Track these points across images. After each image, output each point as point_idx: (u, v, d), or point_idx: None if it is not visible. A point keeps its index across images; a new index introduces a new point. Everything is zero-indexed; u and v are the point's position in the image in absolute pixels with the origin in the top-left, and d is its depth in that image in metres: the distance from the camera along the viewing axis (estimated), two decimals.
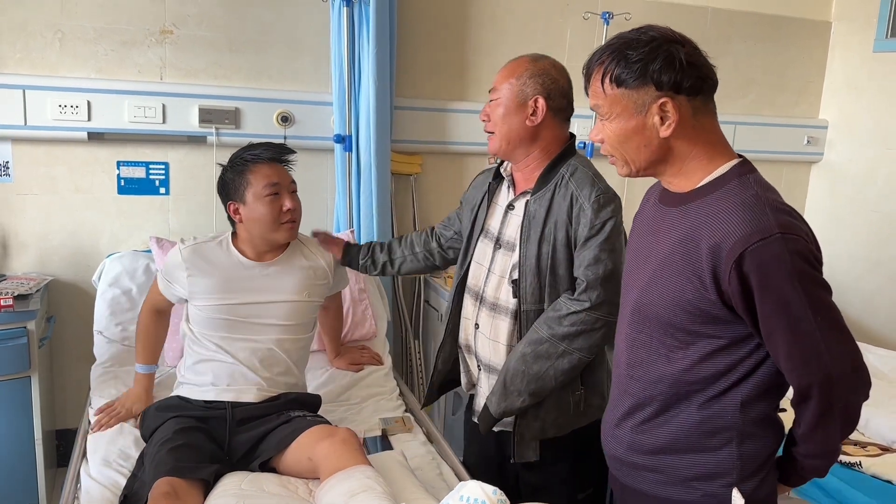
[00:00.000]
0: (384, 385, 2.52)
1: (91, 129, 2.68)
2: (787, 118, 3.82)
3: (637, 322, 1.40)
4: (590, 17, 3.27)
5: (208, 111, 2.79)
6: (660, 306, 1.33)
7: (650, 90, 1.25)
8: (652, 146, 1.30)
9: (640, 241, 1.43)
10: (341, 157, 2.94)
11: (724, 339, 1.29)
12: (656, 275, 1.33)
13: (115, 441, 2.03)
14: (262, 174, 2.06)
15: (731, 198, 1.25)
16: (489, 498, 1.26)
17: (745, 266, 1.19)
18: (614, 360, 1.51)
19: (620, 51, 1.27)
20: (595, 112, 1.34)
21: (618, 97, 1.28)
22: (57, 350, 2.79)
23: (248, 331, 2.06)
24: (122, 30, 2.69)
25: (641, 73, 1.25)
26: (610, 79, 1.28)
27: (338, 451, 1.77)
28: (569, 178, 1.80)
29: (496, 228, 1.91)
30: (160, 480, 1.67)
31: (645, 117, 1.27)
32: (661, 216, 1.37)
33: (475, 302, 1.94)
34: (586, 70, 1.34)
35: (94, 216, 2.78)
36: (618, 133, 1.30)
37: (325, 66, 2.92)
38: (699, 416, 1.34)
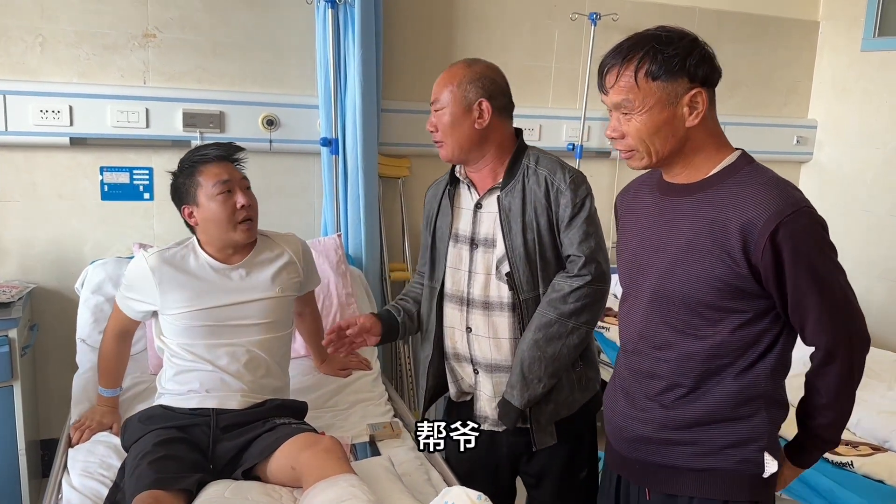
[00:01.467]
0: (372, 390, 2.49)
1: (73, 135, 2.65)
2: (776, 118, 3.82)
3: (659, 306, 1.45)
4: (577, 18, 3.26)
5: (192, 115, 2.76)
6: (687, 288, 1.39)
7: (683, 82, 1.35)
8: (677, 136, 1.38)
9: (648, 231, 1.49)
10: (328, 160, 2.92)
11: (750, 313, 1.37)
12: (679, 259, 1.40)
13: (96, 451, 1.99)
14: (212, 173, 2.02)
15: (753, 180, 1.35)
16: (474, 503, 1.24)
17: (779, 237, 1.28)
18: (628, 347, 1.56)
19: (653, 47, 1.35)
20: (618, 108, 1.39)
21: (653, 90, 1.35)
22: (40, 358, 2.75)
23: (228, 334, 2.03)
24: (103, 34, 2.67)
25: (680, 66, 1.34)
26: (645, 73, 1.35)
27: (321, 459, 1.74)
28: (535, 166, 1.85)
29: (467, 230, 1.91)
30: (142, 494, 1.64)
31: (675, 108, 1.36)
32: (672, 207, 1.44)
33: (461, 307, 1.93)
34: (606, 68, 1.40)
35: (77, 223, 2.75)
36: (649, 125, 1.37)
37: (310, 68, 2.90)
38: (734, 387, 1.41)
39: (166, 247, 2.09)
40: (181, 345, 2.02)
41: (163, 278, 2.01)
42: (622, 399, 1.57)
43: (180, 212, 2.09)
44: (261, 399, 2.03)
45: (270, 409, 2.01)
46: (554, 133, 3.36)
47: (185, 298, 2.00)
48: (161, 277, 2.01)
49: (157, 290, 2.00)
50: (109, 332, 2.14)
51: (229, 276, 2.06)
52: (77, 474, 1.89)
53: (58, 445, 2.17)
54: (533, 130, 3.31)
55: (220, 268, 2.06)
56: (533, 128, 3.30)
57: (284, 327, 2.15)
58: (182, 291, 2.01)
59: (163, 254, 2.05)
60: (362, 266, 2.96)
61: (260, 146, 2.84)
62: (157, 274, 2.01)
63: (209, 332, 2.01)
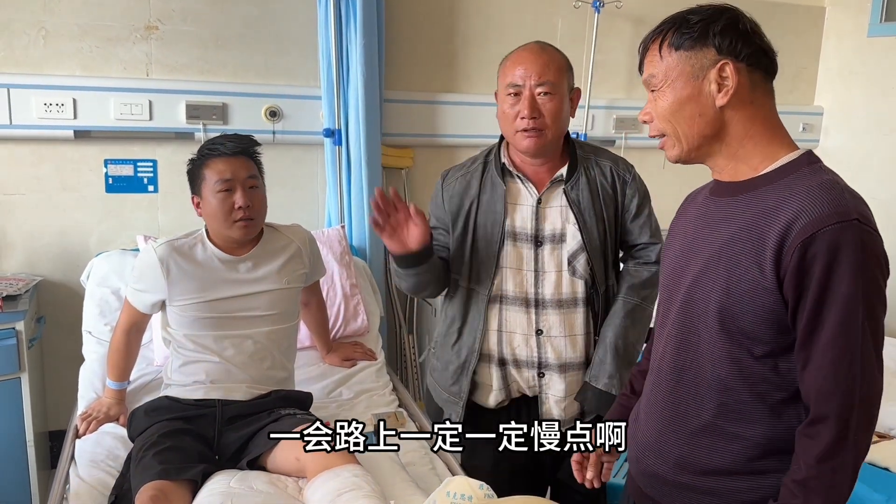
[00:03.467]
0: (377, 380, 2.50)
1: (77, 128, 2.66)
2: (782, 105, 3.67)
3: (685, 321, 1.28)
4: (581, 6, 3.24)
5: (195, 107, 2.76)
6: (711, 301, 1.21)
7: (709, 52, 1.19)
8: (707, 116, 1.21)
9: (689, 235, 1.31)
10: (331, 151, 2.92)
11: (775, 345, 1.17)
12: (708, 266, 1.22)
13: (103, 442, 2.01)
14: (216, 170, 2.00)
15: (806, 180, 1.15)
16: (475, 492, 1.25)
17: (814, 247, 1.08)
18: (654, 366, 1.39)
19: (681, 16, 1.23)
20: (648, 86, 1.26)
21: (675, 62, 1.21)
22: (47, 351, 2.77)
23: (235, 326, 2.03)
24: (106, 26, 2.66)
25: (702, 34, 1.19)
26: (668, 44, 1.22)
27: None
28: (595, 158, 1.86)
29: (527, 227, 1.82)
30: (147, 485, 1.65)
31: (701, 83, 1.20)
32: (716, 208, 1.26)
33: (527, 309, 1.83)
34: (643, 45, 1.28)
35: (82, 215, 2.76)
36: (671, 102, 1.22)
37: (312, 59, 2.90)
38: (763, 431, 1.21)
39: (175, 237, 2.09)
40: (187, 336, 2.02)
41: (171, 269, 2.01)
42: (642, 424, 1.40)
43: (192, 199, 2.10)
44: (266, 390, 2.04)
45: (275, 400, 2.02)
46: None
47: (193, 289, 2.01)
48: (169, 268, 2.01)
49: (164, 281, 2.00)
50: (120, 327, 2.15)
51: (236, 268, 2.06)
52: (84, 465, 1.91)
53: (65, 437, 2.18)
54: None
55: (227, 259, 2.06)
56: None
57: (290, 319, 2.16)
58: (189, 282, 2.01)
59: (171, 244, 2.05)
60: (366, 257, 2.97)
61: (263, 137, 2.82)
62: (164, 264, 2.01)
63: (216, 324, 2.02)
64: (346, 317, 2.65)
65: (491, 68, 3.21)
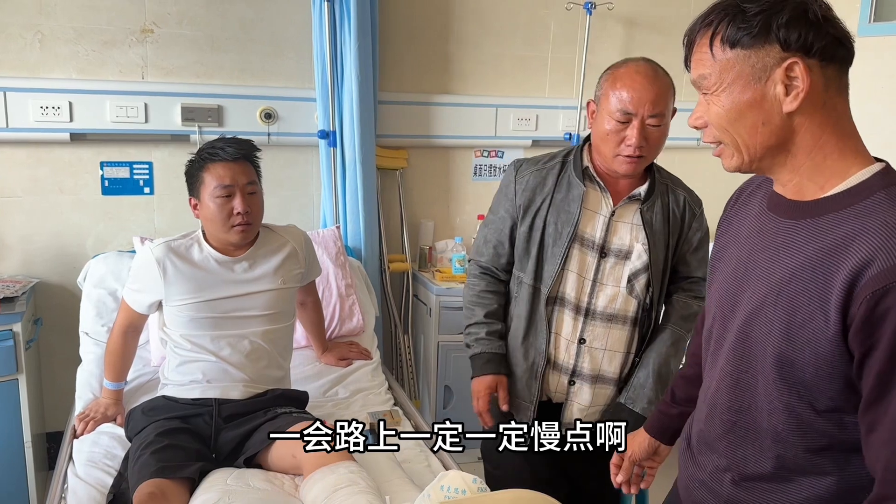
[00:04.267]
0: (373, 380, 2.52)
1: (73, 130, 2.67)
2: None
3: (741, 358, 1.13)
4: (573, 8, 3.26)
5: (191, 110, 2.78)
6: (768, 344, 1.06)
7: (773, 50, 1.00)
8: (772, 125, 1.03)
9: (744, 254, 1.15)
10: (326, 152, 2.94)
11: (841, 400, 1.02)
12: (765, 302, 1.07)
13: (101, 442, 2.03)
14: (216, 175, 2.00)
15: (882, 212, 0.97)
16: (469, 486, 1.27)
17: (888, 300, 0.92)
18: (707, 396, 1.24)
19: (735, 5, 1.03)
20: (699, 87, 1.10)
21: (731, 61, 1.03)
22: (45, 352, 2.78)
23: (231, 326, 2.05)
24: (102, 29, 2.68)
25: (763, 28, 1.00)
26: (721, 39, 1.04)
27: None
28: (671, 184, 1.88)
29: (597, 236, 1.82)
30: (145, 483, 1.67)
31: (765, 86, 1.02)
32: (775, 229, 1.10)
33: (576, 316, 1.84)
34: (688, 37, 1.10)
35: (78, 217, 2.78)
36: (729, 109, 1.05)
37: (307, 61, 2.91)
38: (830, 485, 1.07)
39: (172, 238, 2.10)
40: (184, 335, 2.04)
41: (167, 269, 2.03)
42: (694, 453, 1.28)
43: (189, 199, 2.11)
44: (262, 389, 2.05)
45: (272, 399, 2.04)
46: (551, 123, 3.37)
47: (189, 290, 2.02)
48: (165, 268, 2.02)
49: (161, 281, 2.02)
50: (117, 328, 2.16)
51: (232, 269, 2.08)
52: (82, 464, 1.93)
53: (63, 437, 2.20)
54: (530, 120, 3.32)
55: (223, 260, 2.08)
56: (530, 118, 3.32)
57: (287, 318, 2.18)
58: (186, 283, 2.03)
59: (168, 245, 2.07)
60: (361, 257, 2.99)
61: (258, 139, 2.83)
62: (161, 265, 2.03)
63: (212, 324, 2.04)
64: (341, 317, 2.67)
65: (484, 70, 3.26)
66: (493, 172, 3.37)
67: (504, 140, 3.33)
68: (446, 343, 2.98)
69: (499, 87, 3.30)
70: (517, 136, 3.33)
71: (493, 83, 3.29)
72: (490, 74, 3.28)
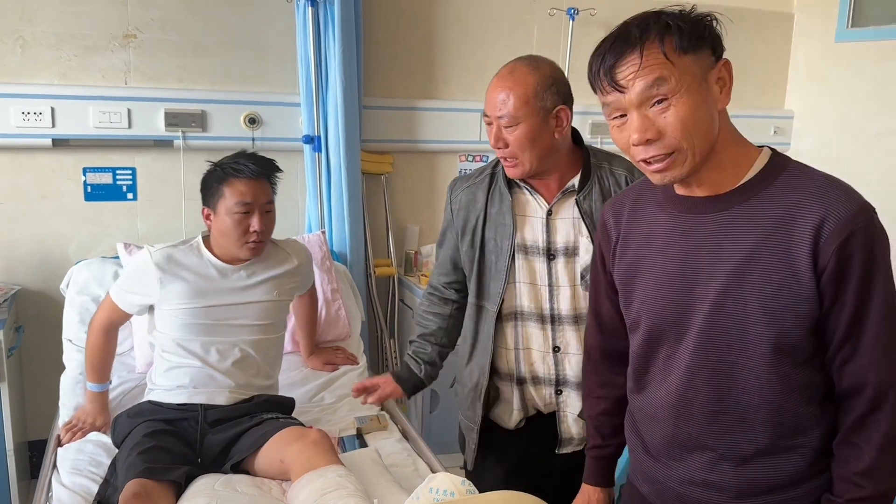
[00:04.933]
0: None
1: (56, 136, 2.66)
2: (753, 109, 3.87)
3: (711, 352, 1.18)
4: (556, 14, 3.29)
5: (174, 115, 2.77)
6: (748, 324, 1.14)
7: (707, 55, 1.11)
8: (714, 123, 1.12)
9: (674, 260, 1.20)
10: (311, 157, 2.94)
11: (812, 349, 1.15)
12: (728, 290, 1.14)
13: (85, 449, 2.01)
14: (238, 190, 2.02)
15: (810, 179, 1.12)
16: (458, 489, 1.27)
17: (852, 244, 1.06)
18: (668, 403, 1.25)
19: (665, 22, 1.10)
20: (647, 98, 1.10)
21: (687, 65, 1.09)
22: (27, 360, 2.76)
23: (222, 333, 2.05)
24: (84, 35, 2.67)
25: (700, 37, 1.10)
26: (674, 47, 1.08)
27: (309, 451, 1.78)
28: (609, 166, 1.73)
29: (539, 240, 1.75)
30: (131, 482, 1.66)
31: (709, 88, 1.11)
32: (705, 224, 1.17)
33: (543, 325, 1.77)
34: (615, 59, 1.11)
35: (61, 224, 2.76)
36: (693, 109, 1.09)
37: (291, 66, 2.92)
38: (820, 435, 1.18)
39: (172, 244, 2.12)
40: (175, 339, 2.04)
41: (165, 274, 2.03)
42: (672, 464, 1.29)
43: (202, 207, 2.12)
44: (248, 395, 2.05)
45: (258, 404, 2.04)
46: None
47: (186, 296, 2.03)
48: (164, 273, 2.03)
49: (157, 285, 2.03)
50: (97, 325, 2.14)
51: (230, 277, 2.09)
52: (67, 472, 1.90)
53: (46, 445, 2.18)
54: None
55: (222, 268, 2.09)
56: None
57: (278, 330, 2.19)
58: (183, 289, 2.03)
59: (168, 250, 2.07)
60: (347, 262, 2.99)
61: (243, 145, 2.85)
62: (160, 269, 2.03)
63: (204, 330, 2.04)
64: (327, 321, 2.67)
65: (468, 75, 3.27)
66: None
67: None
68: None
69: (483, 91, 3.27)
70: None
71: (477, 88, 3.30)
72: (474, 79, 3.29)
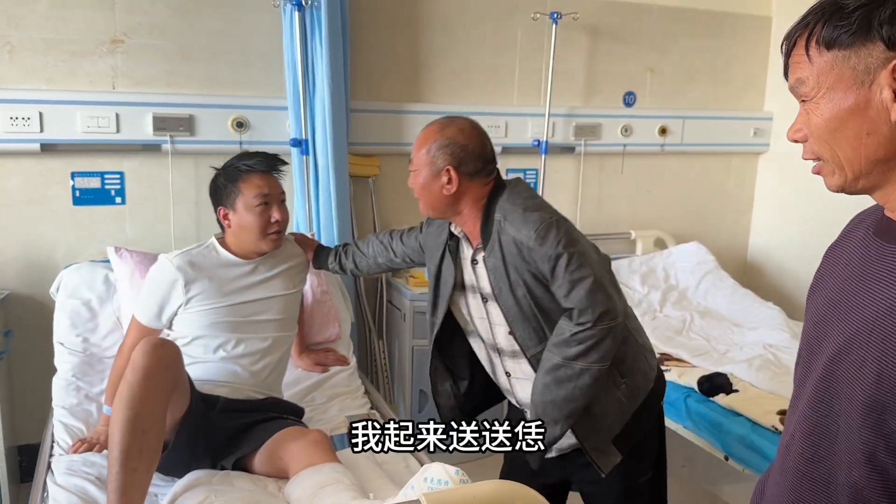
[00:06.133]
0: (349, 385, 2.55)
1: (44, 141, 2.66)
2: (733, 111, 3.94)
3: (822, 400, 0.98)
4: (539, 18, 3.33)
5: (162, 119, 2.79)
6: (856, 386, 0.91)
7: (877, 49, 0.88)
8: (879, 135, 0.90)
9: (842, 283, 1.00)
10: (299, 160, 2.96)
11: None
12: (857, 337, 0.92)
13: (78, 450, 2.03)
14: (254, 185, 2.11)
15: None
16: (452, 478, 1.31)
17: None
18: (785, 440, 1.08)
19: (834, 2, 0.91)
20: (796, 94, 0.97)
21: (829, 64, 0.91)
22: (16, 365, 2.76)
23: (249, 329, 2.12)
24: (71, 40, 2.68)
25: (863, 24, 0.88)
26: (817, 41, 0.92)
27: (308, 450, 1.82)
28: (505, 224, 1.77)
29: (474, 282, 1.88)
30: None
31: (869, 90, 0.89)
32: (878, 255, 0.95)
33: (496, 354, 1.92)
34: (786, 43, 0.99)
35: (49, 228, 2.76)
36: (828, 117, 0.92)
37: (278, 70, 2.94)
38: None
39: (185, 249, 2.16)
40: (197, 338, 2.09)
41: (188, 276, 2.08)
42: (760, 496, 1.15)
43: (215, 211, 2.17)
44: (265, 395, 2.12)
45: (271, 404, 2.10)
46: (519, 130, 3.44)
47: (212, 294, 2.08)
48: (187, 276, 2.07)
49: (182, 290, 2.07)
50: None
51: (251, 273, 2.16)
52: (61, 473, 1.92)
53: (39, 449, 2.19)
54: (499, 128, 3.38)
55: (241, 263, 2.16)
56: (499, 125, 3.38)
57: (293, 327, 2.28)
58: (208, 288, 2.08)
59: (186, 254, 2.12)
60: None
61: (230, 148, 2.87)
62: (182, 272, 2.07)
63: (232, 327, 2.10)
64: (319, 323, 2.69)
65: (454, 78, 3.32)
66: None
67: None
68: (421, 347, 3.01)
69: (468, 95, 3.36)
70: None
71: (463, 91, 3.35)
72: (459, 83, 3.34)
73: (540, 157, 3.47)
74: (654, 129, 3.73)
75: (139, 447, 1.60)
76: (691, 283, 3.54)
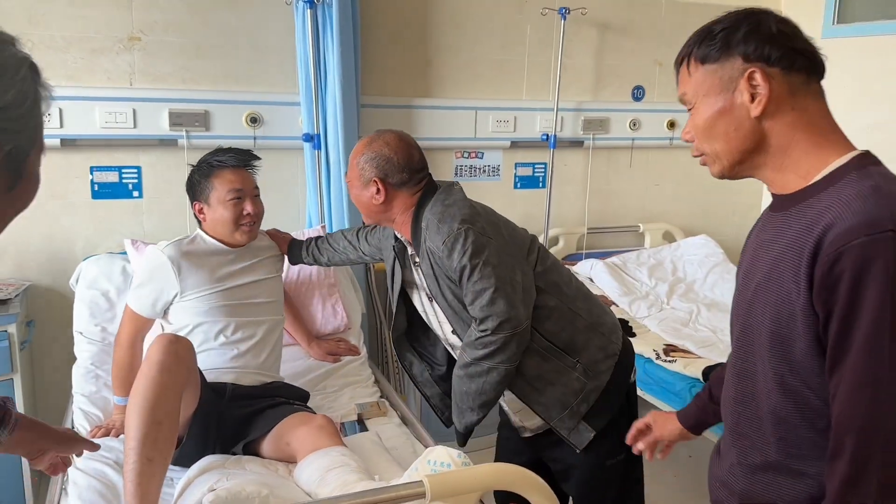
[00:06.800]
0: (360, 374, 2.61)
1: (64, 136, 2.74)
2: None
3: (742, 349, 1.22)
4: (547, 13, 3.37)
5: (178, 115, 2.85)
6: (763, 327, 1.14)
7: (736, 62, 1.12)
8: (743, 130, 1.13)
9: (749, 259, 1.23)
10: (311, 155, 3.02)
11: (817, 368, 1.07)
12: (759, 290, 1.15)
13: (96, 434, 2.11)
14: (227, 180, 2.19)
15: (847, 189, 1.05)
16: (454, 461, 1.36)
17: (841, 263, 0.99)
18: (723, 395, 1.33)
19: (706, 28, 1.17)
20: (684, 104, 1.21)
21: (703, 76, 1.16)
22: (37, 354, 2.84)
23: (245, 313, 2.20)
24: (90, 38, 2.75)
25: (724, 44, 1.13)
26: (695, 59, 1.17)
27: (315, 434, 1.88)
28: (426, 232, 1.84)
29: (418, 282, 1.98)
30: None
31: (733, 95, 1.13)
32: (771, 224, 1.18)
33: (448, 346, 2.05)
34: (676, 63, 1.23)
35: (69, 221, 2.84)
36: (705, 119, 1.16)
37: (291, 67, 3.00)
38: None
39: (177, 239, 2.24)
40: (197, 325, 2.15)
41: (181, 265, 2.15)
42: (722, 455, 1.32)
43: (192, 205, 2.25)
44: (270, 379, 2.19)
45: (278, 388, 2.17)
46: (528, 124, 3.48)
47: (206, 280, 2.16)
48: (180, 264, 2.15)
49: (176, 278, 2.14)
50: (123, 340, 2.18)
51: (236, 260, 2.24)
52: (82, 457, 1.98)
53: None
54: (508, 122, 3.43)
55: (227, 252, 2.24)
56: (508, 119, 3.42)
57: (282, 311, 2.36)
58: (202, 274, 2.16)
59: (176, 244, 2.19)
60: None
61: (244, 143, 2.93)
62: (175, 262, 2.14)
63: (230, 311, 2.17)
64: (324, 315, 2.75)
65: (463, 74, 3.36)
66: (474, 173, 3.48)
67: (483, 141, 3.43)
68: None
69: (477, 90, 3.41)
70: (496, 138, 3.44)
71: (472, 86, 3.39)
72: (469, 78, 3.38)
73: (549, 151, 3.51)
74: (662, 122, 3.76)
75: (154, 437, 1.65)
76: (699, 275, 3.57)
